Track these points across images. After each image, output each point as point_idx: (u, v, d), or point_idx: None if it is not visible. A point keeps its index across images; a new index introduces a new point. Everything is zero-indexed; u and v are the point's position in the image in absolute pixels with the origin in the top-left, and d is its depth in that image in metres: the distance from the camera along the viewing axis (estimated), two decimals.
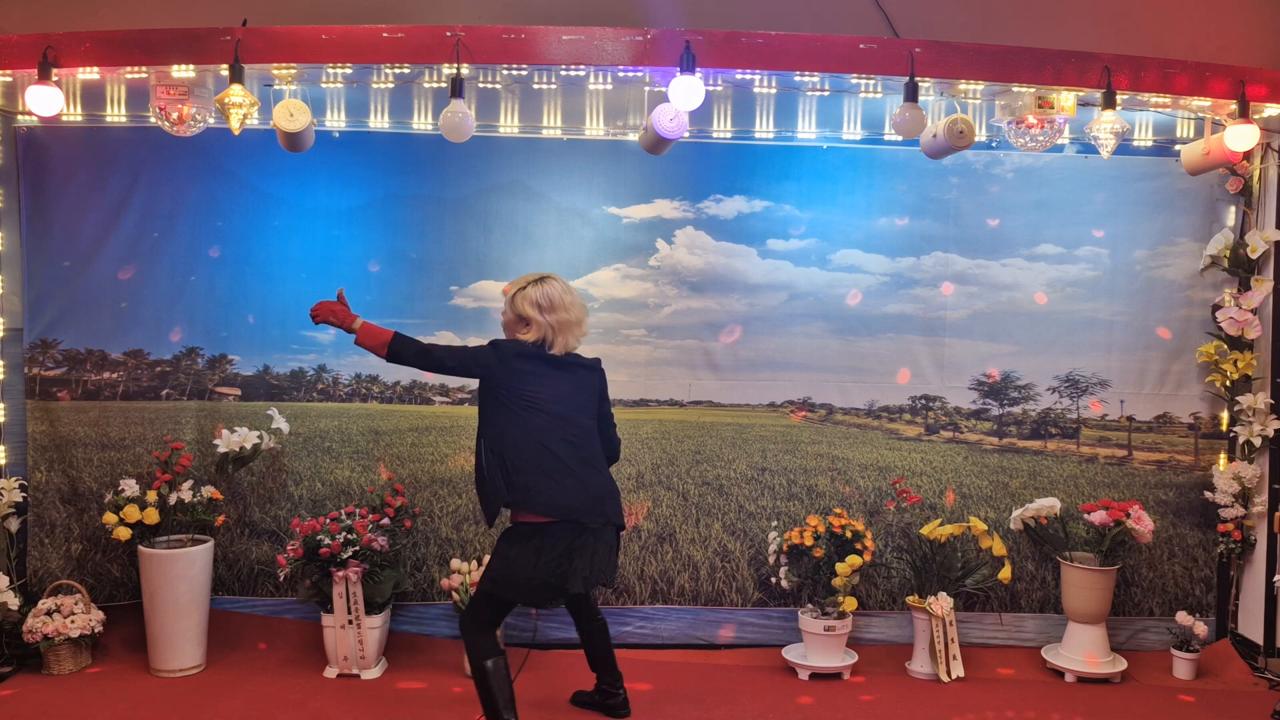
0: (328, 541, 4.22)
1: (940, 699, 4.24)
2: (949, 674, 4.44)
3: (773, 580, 4.64)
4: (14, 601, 4.25)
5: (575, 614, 3.95)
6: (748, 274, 4.80)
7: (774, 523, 4.74)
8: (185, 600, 4.28)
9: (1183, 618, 4.56)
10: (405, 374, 4.77)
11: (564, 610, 4.68)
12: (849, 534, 4.48)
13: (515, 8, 4.51)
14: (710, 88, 4.21)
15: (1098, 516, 4.52)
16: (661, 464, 4.80)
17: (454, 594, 4.37)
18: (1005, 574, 4.52)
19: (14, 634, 4.28)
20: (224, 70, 3.84)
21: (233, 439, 4.54)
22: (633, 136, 4.60)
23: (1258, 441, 4.64)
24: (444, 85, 4.11)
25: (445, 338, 4.73)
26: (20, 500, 4.49)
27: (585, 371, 3.66)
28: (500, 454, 3.46)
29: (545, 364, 3.54)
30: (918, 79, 3.93)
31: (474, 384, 4.76)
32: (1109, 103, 3.99)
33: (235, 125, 3.86)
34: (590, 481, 3.51)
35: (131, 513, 4.31)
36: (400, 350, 3.55)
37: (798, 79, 4.15)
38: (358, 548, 4.26)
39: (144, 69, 3.93)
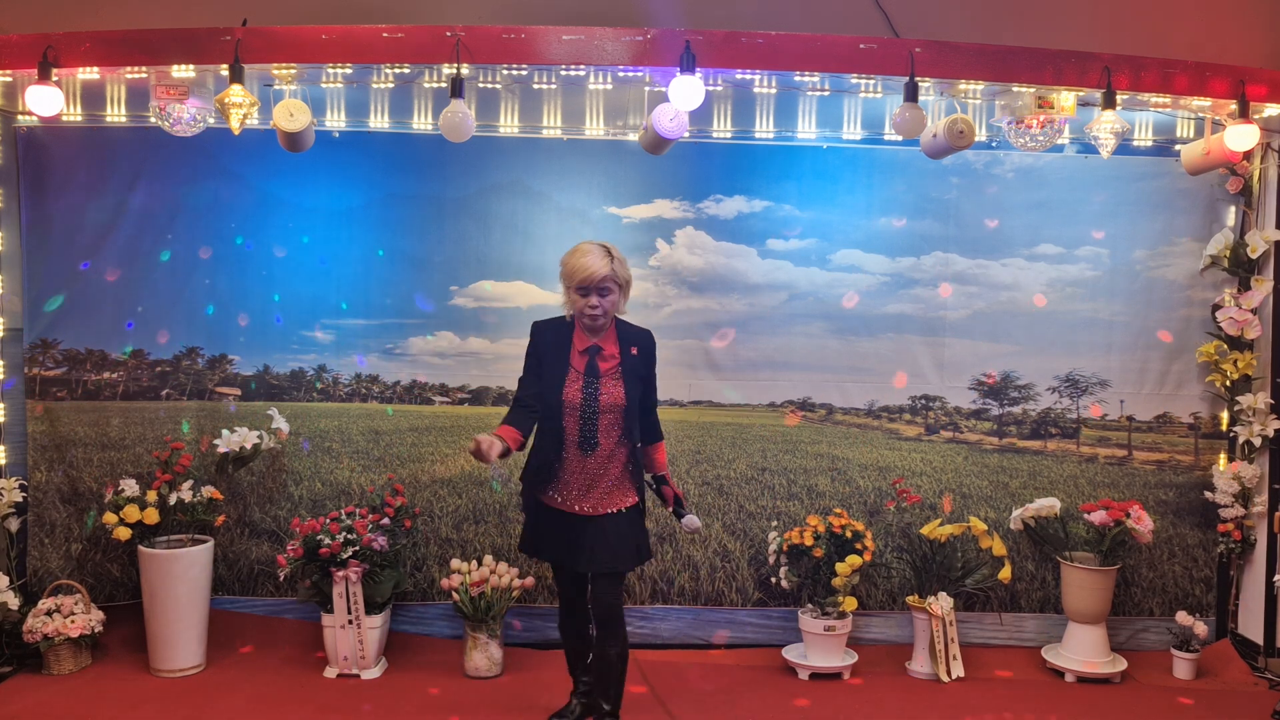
0: (328, 541, 4.22)
1: (940, 699, 4.24)
2: (949, 674, 4.44)
3: (773, 580, 4.64)
4: (14, 601, 4.25)
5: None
6: (748, 274, 4.80)
7: (774, 523, 4.74)
8: (185, 600, 4.28)
9: (1183, 618, 4.56)
10: (405, 374, 4.77)
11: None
12: (849, 534, 4.48)
13: (515, 8, 4.51)
14: (710, 88, 4.21)
15: (1098, 516, 4.52)
16: None
17: (454, 594, 4.36)
18: (1005, 574, 4.52)
19: (14, 634, 4.28)
20: (224, 70, 3.84)
21: (233, 439, 4.54)
22: (633, 136, 4.60)
23: (1258, 441, 4.64)
24: (444, 85, 4.10)
25: (446, 338, 4.74)
26: (20, 500, 4.49)
27: None
28: None
29: None
30: (918, 79, 3.93)
31: (474, 384, 4.80)
32: (1109, 103, 3.99)
33: (235, 125, 3.86)
34: None
35: (131, 513, 4.31)
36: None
37: (798, 79, 4.15)
38: (358, 547, 4.26)
39: (144, 69, 3.94)
